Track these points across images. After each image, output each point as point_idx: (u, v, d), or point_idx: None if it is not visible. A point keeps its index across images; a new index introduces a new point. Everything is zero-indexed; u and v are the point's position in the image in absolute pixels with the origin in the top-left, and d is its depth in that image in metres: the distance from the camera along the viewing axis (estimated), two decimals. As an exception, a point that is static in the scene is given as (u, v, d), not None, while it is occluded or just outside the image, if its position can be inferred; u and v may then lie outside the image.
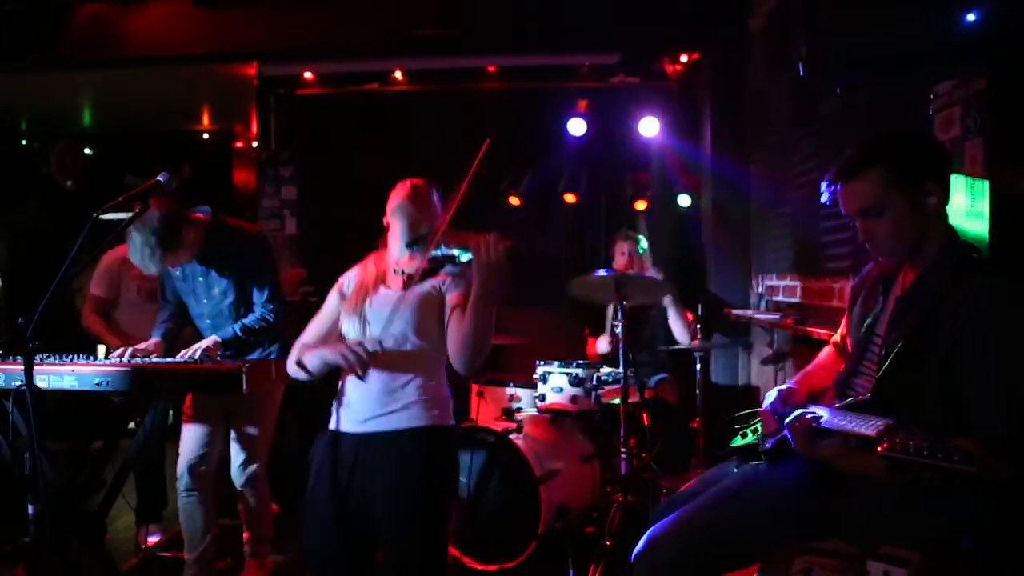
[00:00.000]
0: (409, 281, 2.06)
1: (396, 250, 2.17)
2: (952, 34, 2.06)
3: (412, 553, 2.03)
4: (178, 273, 2.93)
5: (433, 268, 2.00)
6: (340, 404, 2.14)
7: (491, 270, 1.88)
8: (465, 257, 1.92)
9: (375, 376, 2.06)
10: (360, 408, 2.08)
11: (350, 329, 2.14)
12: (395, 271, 2.14)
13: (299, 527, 2.39)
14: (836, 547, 1.70)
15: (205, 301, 2.92)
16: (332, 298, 2.22)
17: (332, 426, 2.15)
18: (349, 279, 2.23)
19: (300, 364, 2.13)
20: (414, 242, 2.07)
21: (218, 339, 2.76)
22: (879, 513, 1.66)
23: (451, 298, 2.09)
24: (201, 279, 2.89)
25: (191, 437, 2.91)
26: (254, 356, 2.90)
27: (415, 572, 2.03)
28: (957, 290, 1.64)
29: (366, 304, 2.12)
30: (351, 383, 2.10)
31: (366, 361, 1.95)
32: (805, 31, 3.08)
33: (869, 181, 1.73)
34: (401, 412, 2.06)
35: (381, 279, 2.17)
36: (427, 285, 2.08)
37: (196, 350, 2.69)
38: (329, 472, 2.08)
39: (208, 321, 2.94)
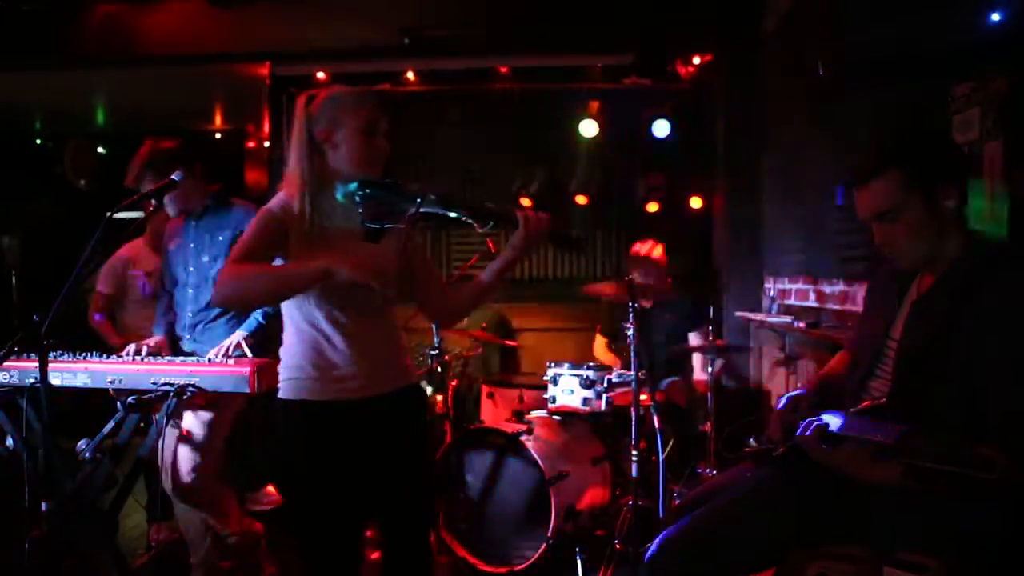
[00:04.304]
0: (389, 235, 1.92)
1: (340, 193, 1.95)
2: (971, 35, 2.04)
3: (418, 505, 2.05)
4: (171, 247, 2.95)
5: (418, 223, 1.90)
6: (319, 371, 1.89)
7: (536, 242, 1.94)
8: (487, 226, 1.91)
9: (356, 336, 1.90)
10: (352, 372, 1.90)
11: None
12: (364, 223, 1.91)
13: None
14: (852, 552, 1.69)
15: (192, 268, 2.89)
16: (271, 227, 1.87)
17: (312, 396, 1.89)
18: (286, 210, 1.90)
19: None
20: (368, 186, 1.89)
21: (244, 333, 2.74)
22: (896, 518, 1.64)
23: (423, 257, 2.09)
24: (193, 244, 2.90)
25: (170, 441, 2.84)
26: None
27: (423, 526, 2.08)
28: (978, 292, 1.62)
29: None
30: (331, 348, 1.88)
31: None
32: (823, 31, 3.06)
33: (885, 185, 1.71)
34: (394, 373, 1.99)
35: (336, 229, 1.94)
36: (393, 238, 1.93)
37: (227, 348, 2.68)
38: (327, 446, 1.89)
39: (191, 291, 2.88)
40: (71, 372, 2.51)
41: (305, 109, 1.91)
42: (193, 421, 2.76)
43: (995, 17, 1.95)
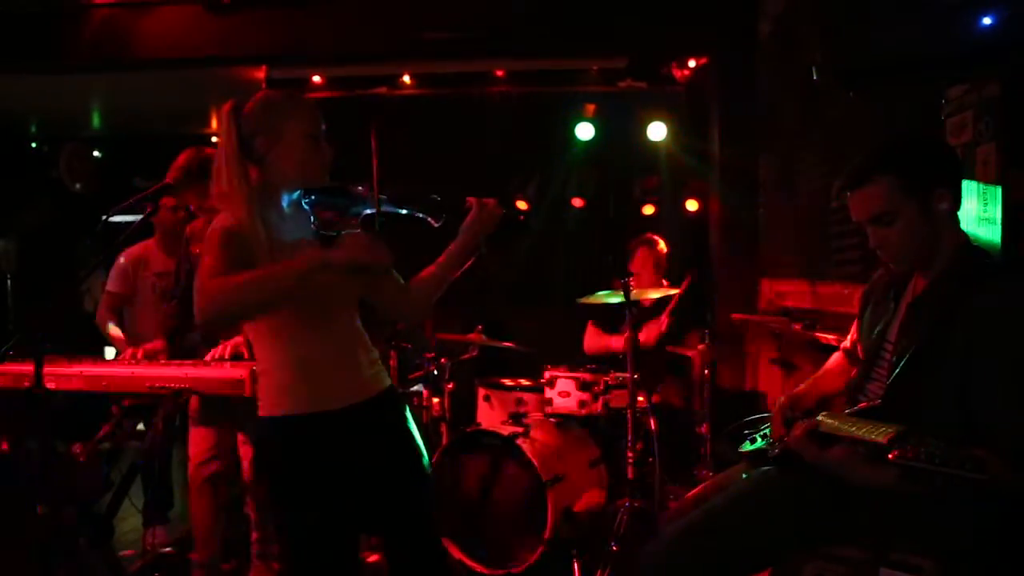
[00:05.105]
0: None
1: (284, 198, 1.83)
2: (965, 38, 2.05)
3: (427, 507, 1.96)
4: (197, 251, 2.93)
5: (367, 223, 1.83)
6: (307, 382, 1.78)
7: (489, 226, 1.94)
8: (442, 220, 1.91)
9: (336, 342, 1.84)
10: (339, 379, 1.82)
11: None
12: (318, 232, 1.81)
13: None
14: (848, 553, 1.70)
15: None
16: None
17: (303, 409, 1.77)
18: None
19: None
20: (316, 193, 1.79)
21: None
22: (892, 519, 1.65)
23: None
24: None
25: (198, 439, 2.91)
26: None
27: (432, 530, 1.98)
28: (971, 295, 1.63)
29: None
30: (314, 356, 1.78)
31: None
32: (817, 36, 3.08)
33: (879, 188, 1.72)
34: (374, 375, 1.90)
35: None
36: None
37: (226, 348, 2.68)
38: (325, 458, 1.78)
39: None
40: (66, 376, 2.50)
41: (235, 118, 1.76)
42: (248, 432, 2.84)
43: (987, 21, 1.96)
